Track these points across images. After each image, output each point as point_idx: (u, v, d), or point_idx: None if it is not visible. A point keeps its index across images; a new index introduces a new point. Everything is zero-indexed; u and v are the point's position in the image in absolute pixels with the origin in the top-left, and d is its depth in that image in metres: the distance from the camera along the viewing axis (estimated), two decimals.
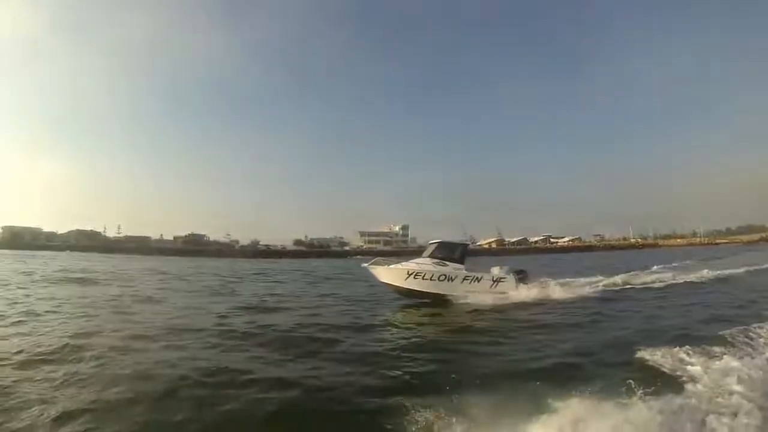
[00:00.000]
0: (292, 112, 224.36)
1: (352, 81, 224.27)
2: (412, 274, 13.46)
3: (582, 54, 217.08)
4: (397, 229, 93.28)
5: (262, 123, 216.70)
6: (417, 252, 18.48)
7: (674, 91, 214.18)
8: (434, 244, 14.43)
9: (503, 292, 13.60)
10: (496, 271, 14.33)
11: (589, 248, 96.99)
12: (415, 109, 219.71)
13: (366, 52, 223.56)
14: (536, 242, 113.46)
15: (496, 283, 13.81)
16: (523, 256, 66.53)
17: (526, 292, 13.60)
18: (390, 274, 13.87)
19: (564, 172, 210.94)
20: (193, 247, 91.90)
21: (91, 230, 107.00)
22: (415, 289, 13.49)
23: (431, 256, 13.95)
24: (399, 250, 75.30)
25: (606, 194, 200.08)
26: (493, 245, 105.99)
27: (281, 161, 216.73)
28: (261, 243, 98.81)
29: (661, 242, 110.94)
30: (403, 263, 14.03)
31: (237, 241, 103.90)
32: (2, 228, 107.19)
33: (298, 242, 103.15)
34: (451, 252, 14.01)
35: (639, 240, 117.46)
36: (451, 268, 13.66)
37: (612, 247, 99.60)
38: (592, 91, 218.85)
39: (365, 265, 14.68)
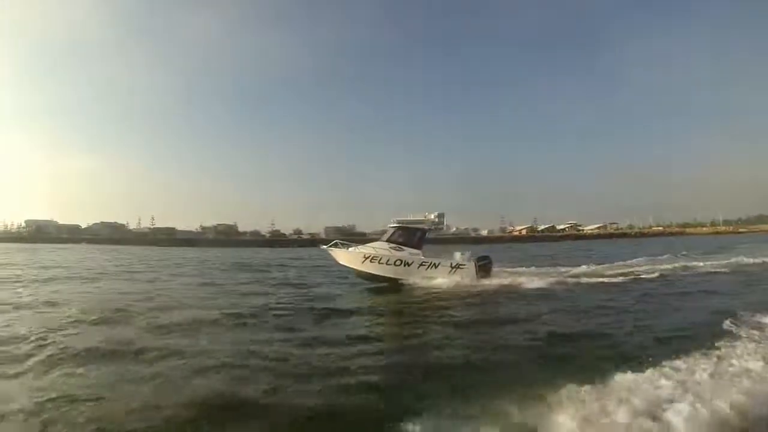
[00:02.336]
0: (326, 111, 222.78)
1: (362, 83, 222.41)
2: (368, 257, 13.53)
3: (591, 49, 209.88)
4: (432, 216, 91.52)
5: (300, 121, 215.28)
6: (451, 240, 17.58)
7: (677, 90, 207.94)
8: (393, 228, 14.26)
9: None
10: (457, 257, 14.02)
11: (623, 235, 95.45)
12: (452, 108, 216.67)
13: (393, 55, 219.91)
14: (564, 230, 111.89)
15: (454, 270, 13.41)
16: (556, 244, 64.60)
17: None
18: (347, 257, 13.91)
19: (578, 165, 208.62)
20: (224, 237, 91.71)
21: (115, 222, 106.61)
22: (372, 272, 13.36)
23: (389, 240, 13.81)
24: (435, 237, 73.34)
25: (619, 185, 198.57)
26: (524, 231, 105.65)
27: (317, 158, 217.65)
28: (304, 232, 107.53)
29: (687, 230, 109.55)
30: (360, 247, 13.94)
31: (278, 231, 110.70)
32: (26, 222, 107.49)
33: (337, 230, 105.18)
34: (409, 237, 13.76)
35: (665, 228, 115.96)
36: (408, 252, 13.46)
37: (643, 234, 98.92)
38: (600, 86, 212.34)
39: (324, 247, 14.90)
